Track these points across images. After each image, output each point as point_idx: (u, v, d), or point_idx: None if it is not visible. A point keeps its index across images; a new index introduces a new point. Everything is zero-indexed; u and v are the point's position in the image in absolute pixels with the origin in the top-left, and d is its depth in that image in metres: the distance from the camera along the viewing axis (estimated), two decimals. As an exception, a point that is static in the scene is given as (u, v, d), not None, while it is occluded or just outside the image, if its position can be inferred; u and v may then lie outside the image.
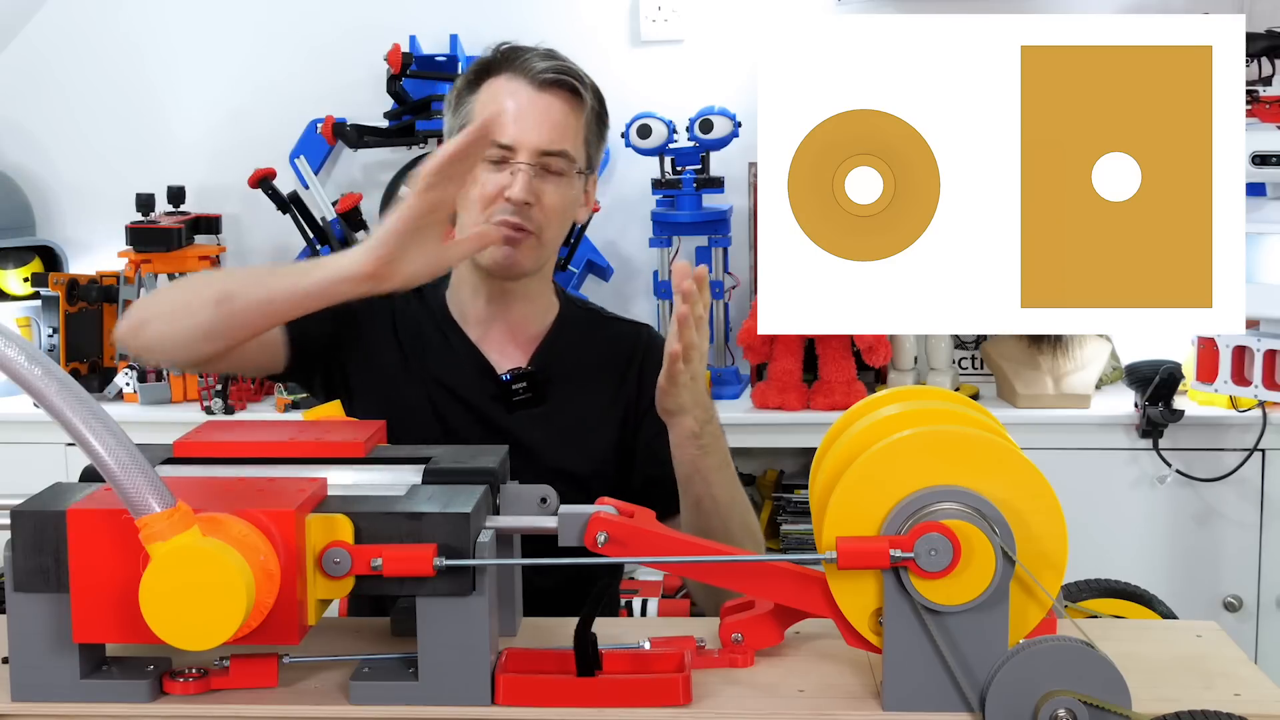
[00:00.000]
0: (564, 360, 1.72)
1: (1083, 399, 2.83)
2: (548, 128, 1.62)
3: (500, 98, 1.63)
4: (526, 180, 1.60)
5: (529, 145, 1.61)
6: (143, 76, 3.34)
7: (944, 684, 1.11)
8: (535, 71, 1.63)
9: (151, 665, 1.15)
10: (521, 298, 1.72)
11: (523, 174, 1.60)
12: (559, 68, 1.65)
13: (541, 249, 1.66)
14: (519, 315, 1.73)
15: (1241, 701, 1.13)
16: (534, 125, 1.62)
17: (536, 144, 1.62)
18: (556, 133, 1.63)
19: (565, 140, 1.64)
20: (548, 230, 1.65)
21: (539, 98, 1.63)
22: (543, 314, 1.75)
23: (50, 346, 3.15)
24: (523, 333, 1.73)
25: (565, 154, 1.64)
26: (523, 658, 1.18)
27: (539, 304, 1.75)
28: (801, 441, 2.87)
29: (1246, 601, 2.75)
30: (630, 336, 1.78)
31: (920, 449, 1.11)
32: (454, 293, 1.75)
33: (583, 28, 3.19)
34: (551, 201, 1.63)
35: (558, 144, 1.63)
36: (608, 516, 1.17)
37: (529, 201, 1.61)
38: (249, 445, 1.27)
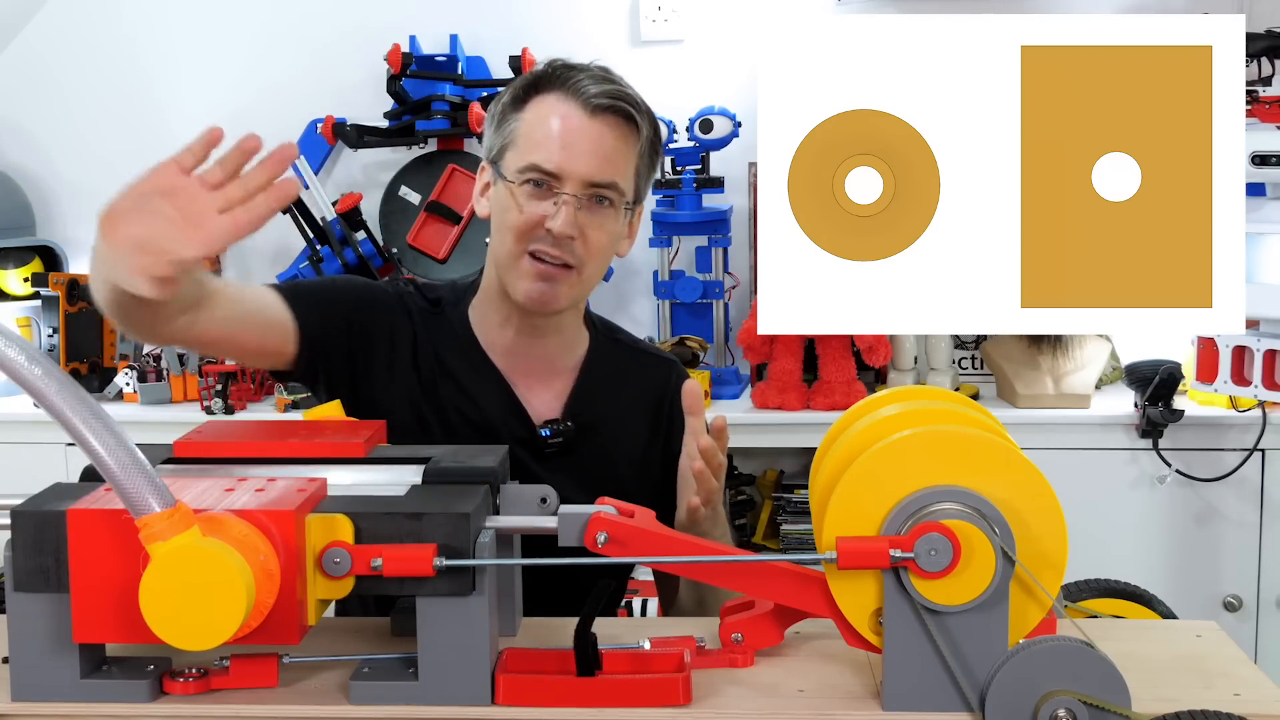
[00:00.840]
0: (597, 406, 1.65)
1: (1083, 399, 2.83)
2: (599, 158, 1.52)
3: (549, 120, 1.52)
4: (570, 213, 1.51)
5: (577, 175, 1.51)
6: (143, 77, 3.34)
7: (944, 684, 1.11)
8: (589, 95, 1.52)
9: (151, 665, 1.15)
10: (554, 332, 1.63)
11: (567, 206, 1.51)
12: (614, 92, 1.54)
13: (581, 285, 1.57)
14: (550, 349, 1.64)
15: (1241, 701, 1.13)
16: (584, 154, 1.51)
17: (585, 174, 1.51)
18: (608, 163, 1.52)
19: (616, 172, 1.53)
20: (589, 266, 1.55)
21: (591, 124, 1.52)
22: (573, 347, 1.67)
23: (50, 346, 3.16)
24: (552, 368, 1.65)
25: (615, 186, 1.54)
26: (523, 658, 1.18)
27: (569, 336, 1.66)
28: (801, 441, 2.87)
29: (1246, 601, 2.75)
30: (660, 377, 1.71)
31: (920, 449, 1.11)
32: (478, 314, 1.65)
33: (583, 28, 3.19)
34: (596, 237, 1.54)
35: (608, 175, 1.53)
36: (608, 516, 1.17)
37: (572, 235, 1.52)
38: (249, 445, 1.27)
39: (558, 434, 1.61)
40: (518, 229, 1.53)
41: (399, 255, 3.14)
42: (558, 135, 1.52)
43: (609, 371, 1.68)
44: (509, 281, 1.56)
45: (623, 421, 1.66)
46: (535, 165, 1.52)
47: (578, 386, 1.65)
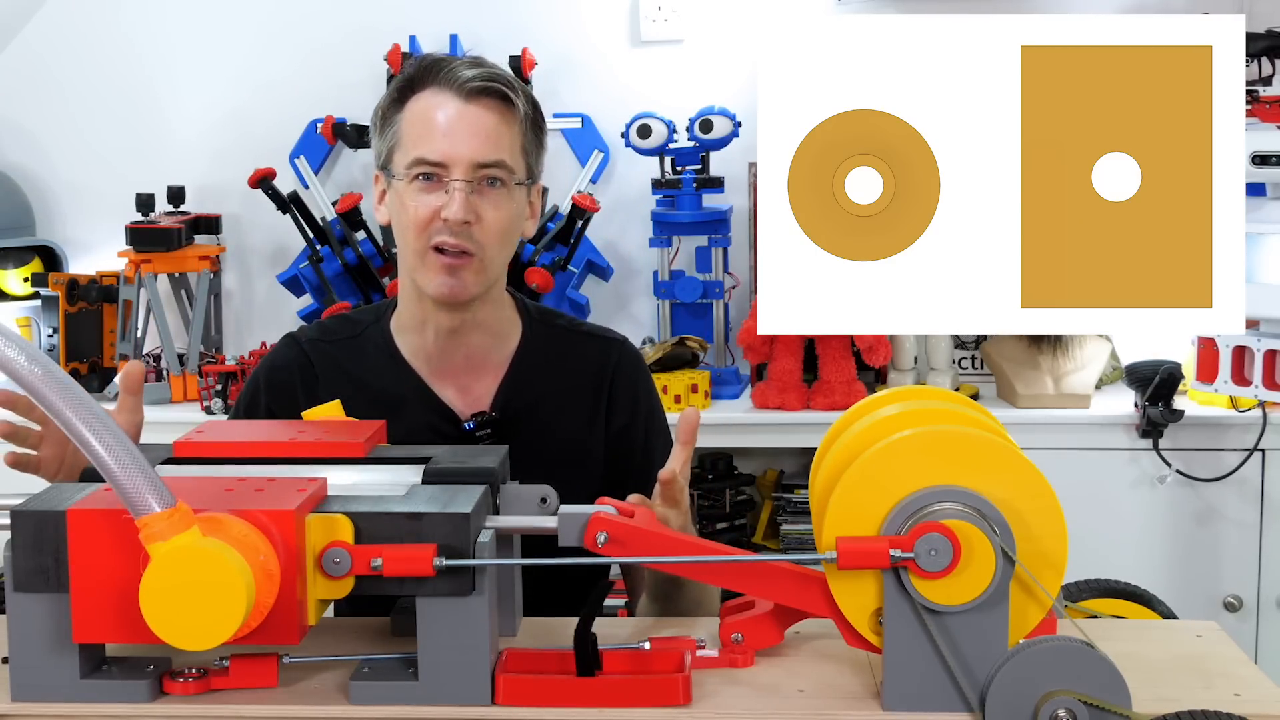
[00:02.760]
0: (529, 395, 1.63)
1: (1083, 399, 2.83)
2: (481, 138, 1.53)
3: (428, 113, 1.54)
4: (463, 198, 1.52)
5: (463, 159, 1.52)
6: (142, 76, 3.34)
7: (944, 684, 1.11)
8: (461, 81, 1.53)
9: (151, 665, 1.15)
10: (475, 327, 1.62)
11: (459, 191, 1.51)
12: (487, 74, 1.55)
13: (486, 271, 1.56)
14: (475, 347, 1.63)
15: (1241, 701, 1.13)
16: (466, 138, 1.52)
17: (470, 157, 1.52)
18: (491, 143, 1.53)
19: (501, 150, 1.54)
20: (489, 249, 1.55)
21: (468, 109, 1.53)
22: (502, 341, 1.66)
23: (50, 346, 3.15)
24: (480, 365, 1.64)
25: (502, 164, 1.54)
26: (523, 658, 1.18)
27: (495, 330, 1.65)
28: (801, 441, 2.86)
29: (1246, 601, 2.75)
30: (600, 356, 1.69)
31: (920, 449, 1.11)
32: (399, 324, 1.65)
33: (583, 28, 3.19)
34: (492, 218, 1.54)
35: (493, 154, 1.53)
36: (608, 516, 1.17)
37: (468, 220, 1.52)
38: (249, 445, 1.27)
39: (483, 425, 1.60)
40: (416, 224, 1.55)
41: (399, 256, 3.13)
42: (438, 125, 1.54)
43: (544, 357, 1.67)
44: (420, 280, 1.58)
45: (560, 405, 1.65)
46: (421, 158, 1.54)
47: (508, 378, 1.65)
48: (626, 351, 1.72)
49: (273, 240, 3.32)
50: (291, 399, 1.62)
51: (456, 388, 1.64)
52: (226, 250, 3.31)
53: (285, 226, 3.13)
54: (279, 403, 1.64)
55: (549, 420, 1.64)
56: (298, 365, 1.66)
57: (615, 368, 1.69)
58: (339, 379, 1.64)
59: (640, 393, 1.71)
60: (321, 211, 3.12)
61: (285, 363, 1.67)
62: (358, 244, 3.06)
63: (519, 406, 1.64)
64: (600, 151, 3.13)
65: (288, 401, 1.62)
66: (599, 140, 3.13)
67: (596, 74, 3.17)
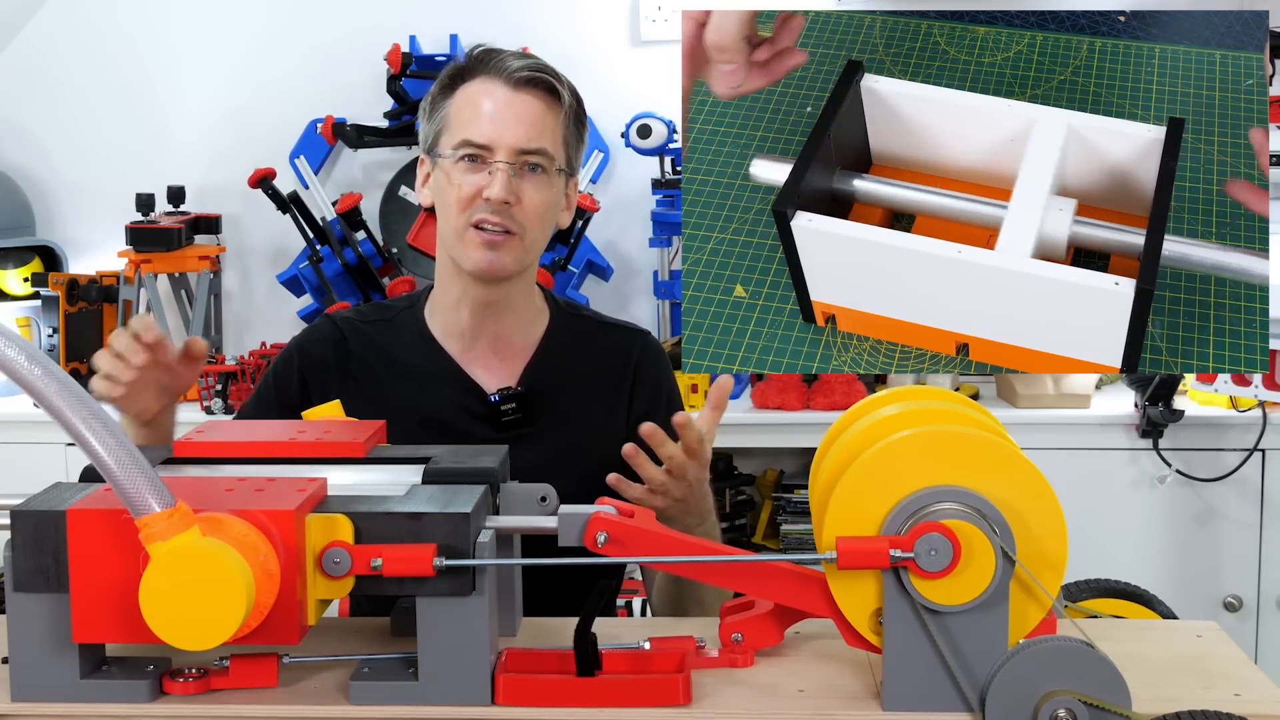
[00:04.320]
0: (555, 377, 1.68)
1: (1083, 399, 2.83)
2: (525, 126, 1.59)
3: (477, 99, 1.61)
4: (505, 179, 1.58)
5: (506, 144, 1.59)
6: (142, 76, 3.34)
7: (944, 684, 1.11)
8: (510, 70, 1.60)
9: (151, 665, 1.15)
10: (507, 308, 1.67)
11: (501, 172, 1.58)
12: (534, 65, 1.62)
13: (525, 251, 1.62)
14: (505, 327, 1.68)
15: (1241, 701, 1.13)
16: (511, 124, 1.59)
17: (514, 142, 1.59)
18: (534, 130, 1.60)
19: (543, 138, 1.60)
20: (530, 231, 1.61)
21: (515, 97, 1.60)
22: (530, 325, 1.71)
23: (50, 346, 3.15)
24: (509, 346, 1.69)
25: (544, 151, 1.60)
26: (523, 658, 1.18)
27: (525, 314, 1.70)
28: (801, 441, 2.87)
29: (1246, 601, 2.75)
30: (624, 346, 1.73)
31: (920, 449, 1.11)
32: (433, 308, 1.71)
33: (583, 28, 3.19)
34: (532, 200, 1.60)
35: (535, 142, 1.60)
36: (608, 516, 1.17)
37: (508, 201, 1.58)
38: (249, 445, 1.27)
39: (509, 399, 1.64)
40: (459, 202, 1.60)
41: (399, 255, 3.14)
42: (486, 111, 1.60)
43: (570, 344, 1.72)
44: (458, 256, 1.62)
45: (584, 391, 1.70)
46: (467, 140, 1.60)
47: (535, 360, 1.69)
48: (650, 343, 1.76)
49: (273, 240, 3.32)
50: (324, 370, 1.69)
51: (485, 367, 1.69)
52: (226, 250, 3.31)
53: (285, 226, 3.13)
54: (312, 372, 1.69)
55: (573, 403, 1.68)
56: (332, 340, 1.71)
57: (639, 357, 1.73)
58: (371, 355, 1.69)
59: (663, 381, 1.74)
60: (321, 211, 3.12)
61: (321, 336, 1.73)
62: (358, 244, 3.06)
63: (544, 388, 1.67)
64: (600, 151, 3.13)
65: (321, 373, 1.69)
66: (599, 140, 3.13)
67: (596, 74, 3.17)
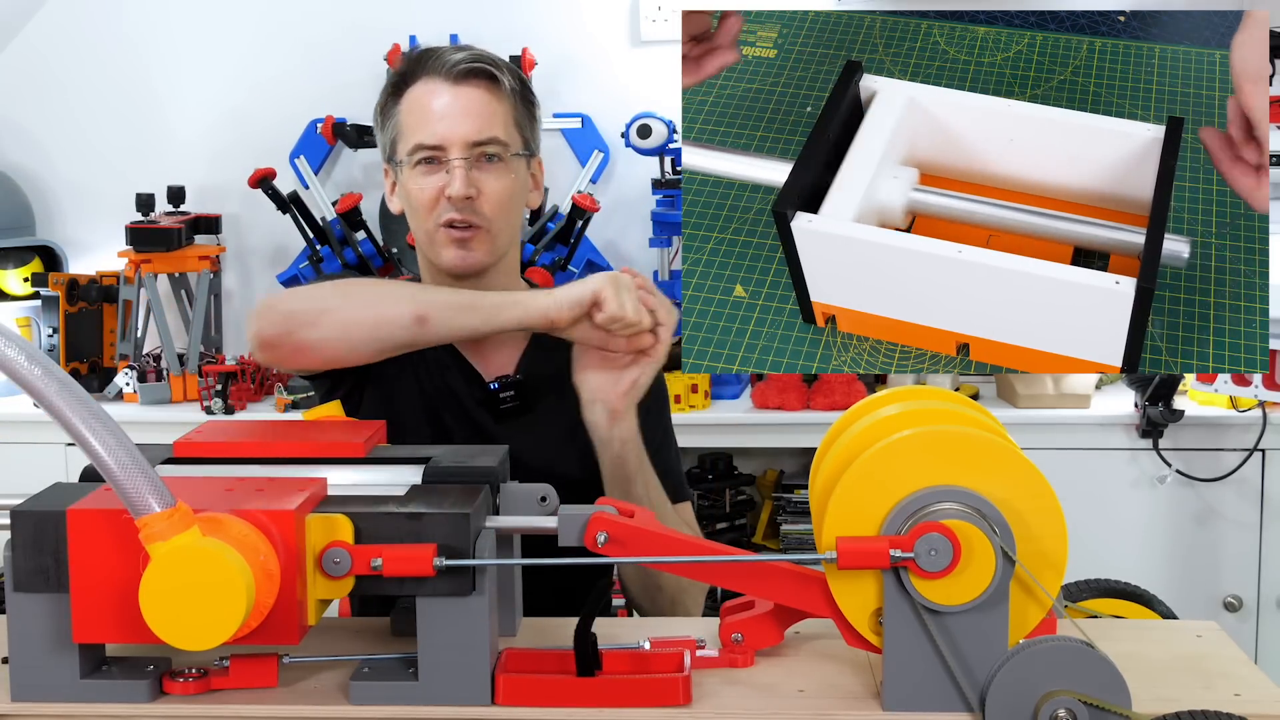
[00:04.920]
0: (549, 367, 1.68)
1: (1083, 399, 2.83)
2: (473, 118, 1.61)
3: (422, 101, 1.62)
4: (463, 175, 1.59)
5: (458, 140, 1.60)
6: (142, 76, 3.34)
7: (944, 684, 1.11)
8: (449, 66, 1.61)
9: (151, 665, 1.15)
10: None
11: (458, 169, 1.59)
12: (472, 56, 1.63)
13: (495, 241, 1.64)
14: None
15: (1241, 701, 1.13)
16: (459, 119, 1.60)
17: (465, 137, 1.60)
18: (483, 121, 1.61)
19: (494, 127, 1.62)
20: (495, 221, 1.63)
21: (459, 91, 1.61)
22: None
23: (50, 346, 3.15)
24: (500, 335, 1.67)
25: (496, 139, 1.62)
26: (523, 658, 1.18)
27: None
28: (801, 441, 2.87)
29: (1246, 601, 2.75)
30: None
31: (920, 449, 1.11)
32: None
33: (583, 28, 3.19)
34: (494, 190, 1.62)
35: (486, 132, 1.61)
36: (608, 516, 1.17)
37: (470, 195, 1.60)
38: (249, 445, 1.27)
39: (507, 386, 1.66)
40: (424, 206, 1.63)
41: (399, 255, 3.14)
42: (433, 111, 1.61)
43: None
44: (434, 258, 1.65)
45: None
46: (420, 144, 1.61)
47: (529, 348, 1.71)
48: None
49: (273, 240, 3.32)
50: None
51: (480, 356, 1.70)
52: (226, 250, 3.31)
53: (285, 226, 3.13)
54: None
55: (568, 392, 1.66)
56: None
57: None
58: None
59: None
60: (321, 211, 3.12)
61: None
62: (358, 244, 3.06)
63: (541, 375, 1.69)
64: (600, 151, 3.13)
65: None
66: (599, 140, 3.13)
67: (596, 74, 3.17)
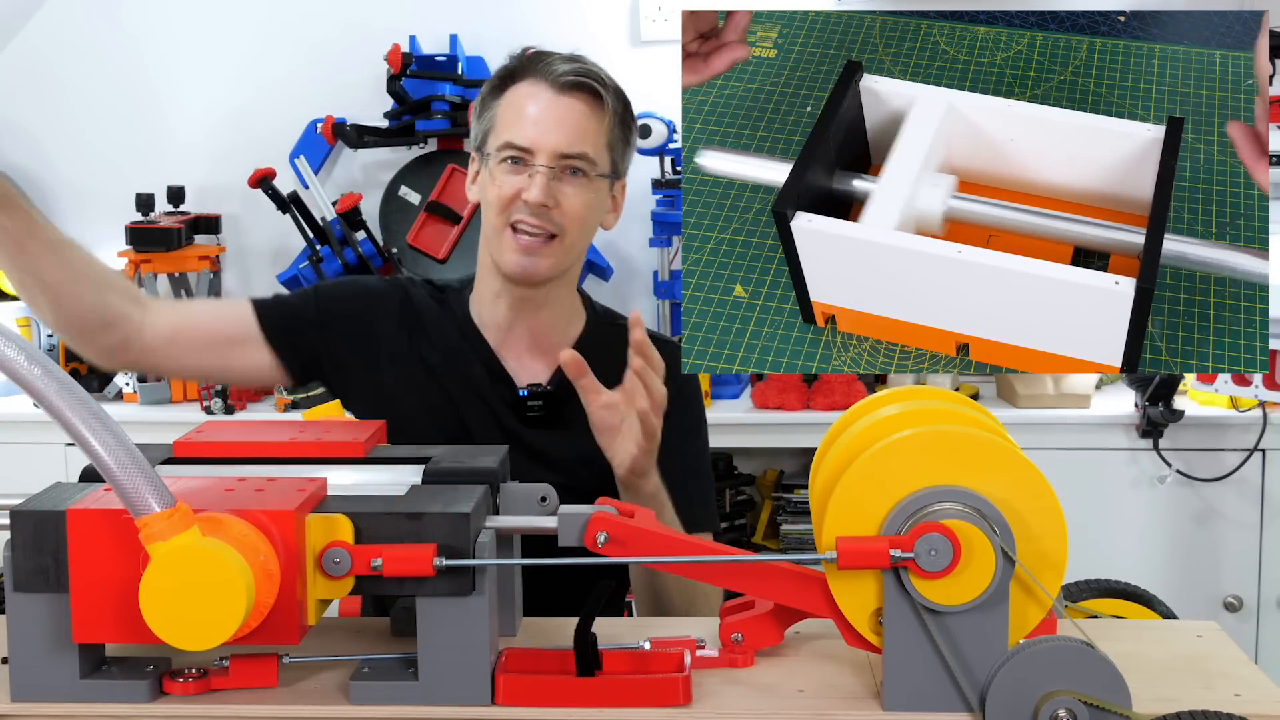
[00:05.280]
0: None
1: (1083, 399, 2.83)
2: (566, 130, 1.61)
3: (521, 102, 1.63)
4: (544, 182, 1.60)
5: (547, 148, 1.60)
6: (143, 76, 3.35)
7: (944, 684, 1.11)
8: (556, 74, 1.62)
9: (151, 665, 1.15)
10: (544, 304, 1.69)
11: (540, 176, 1.60)
12: (580, 70, 1.63)
13: (564, 253, 1.64)
14: (542, 323, 1.70)
15: (1241, 701, 1.13)
16: (553, 127, 1.61)
17: (555, 146, 1.60)
18: (576, 135, 1.61)
19: (585, 143, 1.62)
20: (570, 233, 1.63)
21: (559, 100, 1.62)
22: (565, 324, 1.72)
23: (50, 347, 3.15)
24: (545, 342, 1.70)
25: (585, 156, 1.62)
26: (523, 658, 1.18)
27: (562, 312, 1.72)
28: (801, 441, 2.87)
29: (1246, 601, 2.75)
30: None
31: (920, 449, 1.11)
32: (477, 298, 1.73)
33: (583, 28, 3.19)
34: (572, 204, 1.62)
35: (577, 146, 1.61)
36: (608, 516, 1.17)
37: (546, 204, 1.60)
38: (249, 445, 1.27)
39: (536, 395, 1.67)
40: (499, 202, 1.62)
41: (399, 255, 3.14)
42: (529, 114, 1.62)
43: (604, 348, 1.69)
44: (496, 256, 1.65)
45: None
46: (510, 142, 1.62)
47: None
48: (680, 354, 1.76)
49: (273, 240, 3.32)
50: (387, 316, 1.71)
51: (518, 361, 1.71)
52: (226, 250, 3.31)
53: (285, 226, 3.13)
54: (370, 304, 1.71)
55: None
56: (399, 296, 1.73)
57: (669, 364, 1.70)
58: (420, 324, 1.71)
59: (687, 392, 1.74)
60: (321, 211, 3.12)
61: (385, 284, 1.76)
62: (358, 244, 3.06)
63: (572, 390, 1.64)
64: (600, 151, 3.13)
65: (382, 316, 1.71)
66: (599, 140, 3.13)
67: (596, 74, 3.17)
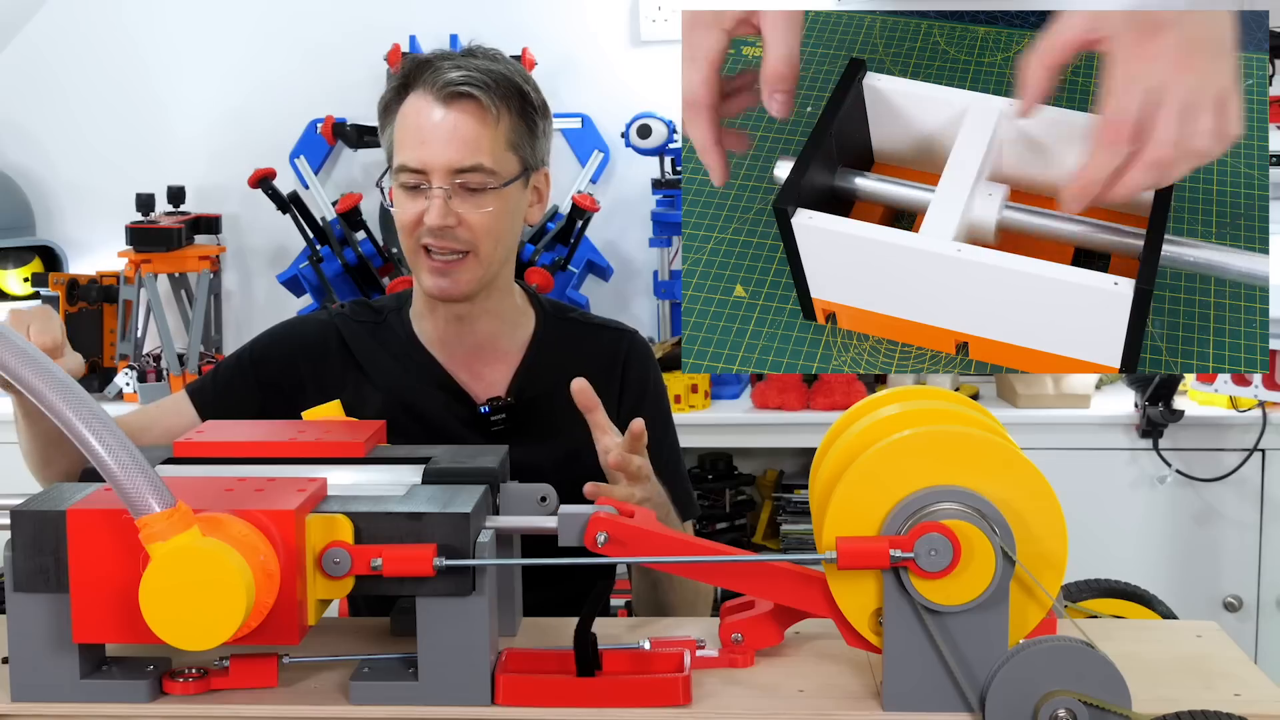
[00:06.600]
0: (544, 383, 1.64)
1: (1083, 399, 2.83)
2: (457, 145, 1.54)
3: (411, 119, 1.56)
4: (441, 204, 1.53)
5: (440, 167, 1.54)
6: (142, 76, 3.34)
7: (944, 684, 1.11)
8: (441, 85, 1.54)
9: (151, 665, 1.15)
10: (482, 314, 1.65)
11: (437, 198, 1.53)
12: (464, 77, 1.54)
13: (482, 267, 1.58)
14: (485, 333, 1.66)
15: (1241, 701, 1.13)
16: (443, 145, 1.54)
17: (447, 164, 1.53)
18: (468, 148, 1.54)
19: (480, 154, 1.54)
20: (483, 247, 1.57)
21: (446, 114, 1.54)
22: (513, 327, 1.68)
23: (50, 346, 3.15)
24: (494, 351, 1.66)
25: (481, 168, 1.54)
26: (523, 658, 1.18)
27: (506, 317, 1.68)
28: (801, 441, 2.87)
29: (1246, 601, 2.75)
30: (611, 347, 1.72)
31: (920, 449, 1.11)
32: (415, 312, 1.69)
33: (583, 28, 3.19)
34: (477, 219, 1.55)
35: (470, 159, 1.54)
36: (608, 516, 1.17)
37: (448, 224, 1.54)
38: (249, 445, 1.27)
39: (498, 410, 1.63)
40: (405, 227, 1.58)
41: (399, 255, 3.14)
42: (418, 132, 1.55)
43: (558, 347, 1.70)
44: (417, 277, 1.62)
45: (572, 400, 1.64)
46: (403, 165, 1.56)
47: (523, 365, 1.67)
48: (637, 342, 1.75)
49: (273, 240, 3.32)
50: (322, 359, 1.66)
51: (470, 374, 1.67)
52: (226, 250, 3.31)
53: (285, 226, 3.13)
54: (307, 357, 1.66)
55: (563, 408, 1.62)
56: (334, 337, 1.68)
57: (627, 357, 1.72)
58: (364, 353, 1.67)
59: (649, 381, 1.74)
60: (321, 211, 3.12)
61: (316, 327, 1.70)
62: (358, 244, 3.06)
63: (534, 394, 1.66)
64: (600, 151, 3.13)
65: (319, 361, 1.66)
66: (599, 140, 3.13)
67: (596, 74, 3.17)
